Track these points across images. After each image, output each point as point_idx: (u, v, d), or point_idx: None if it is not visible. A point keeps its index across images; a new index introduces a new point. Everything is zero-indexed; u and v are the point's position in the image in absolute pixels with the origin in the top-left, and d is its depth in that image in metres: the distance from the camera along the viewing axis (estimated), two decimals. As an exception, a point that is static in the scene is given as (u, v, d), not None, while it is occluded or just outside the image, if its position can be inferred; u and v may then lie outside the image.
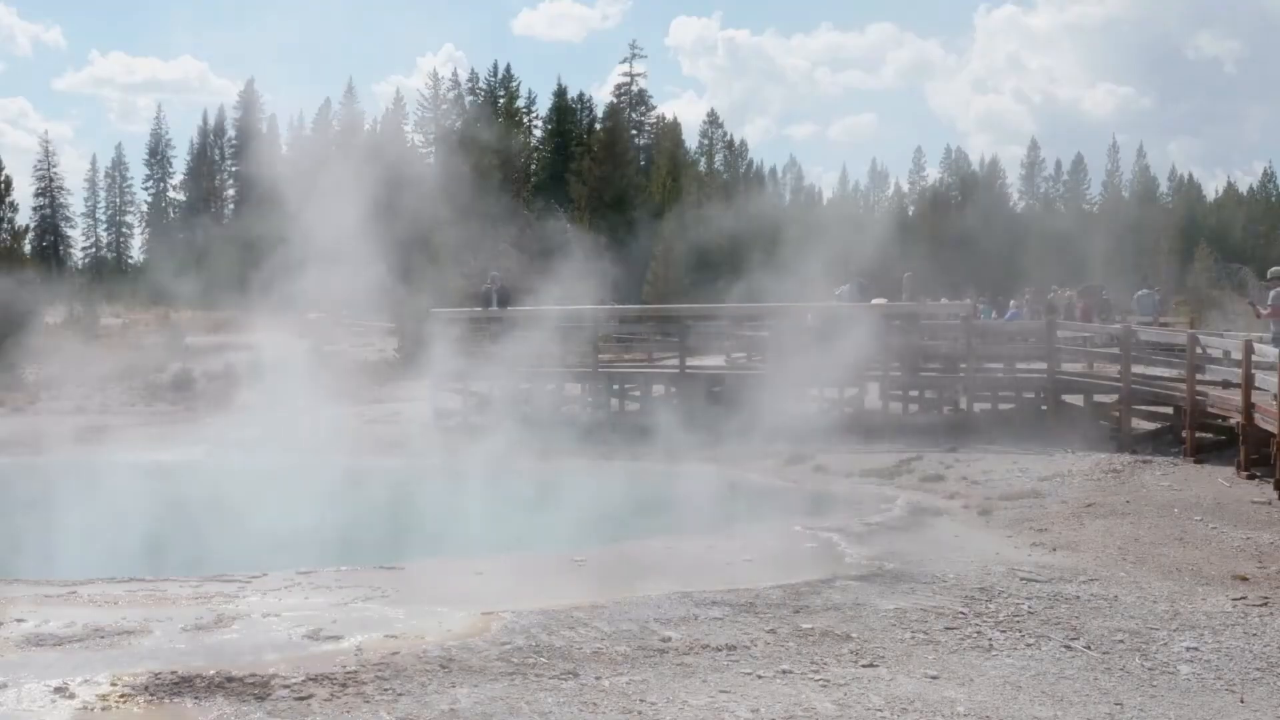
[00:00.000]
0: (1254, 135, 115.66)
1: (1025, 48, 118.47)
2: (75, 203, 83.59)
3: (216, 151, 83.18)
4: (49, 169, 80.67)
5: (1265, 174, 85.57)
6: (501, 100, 69.80)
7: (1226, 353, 14.81)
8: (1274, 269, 20.40)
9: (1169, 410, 15.51)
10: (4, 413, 20.46)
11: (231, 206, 77.52)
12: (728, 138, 76.71)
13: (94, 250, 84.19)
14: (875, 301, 19.81)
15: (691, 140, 72.51)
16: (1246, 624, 7.44)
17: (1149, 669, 6.54)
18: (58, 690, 6.00)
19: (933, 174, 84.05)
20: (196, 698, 5.91)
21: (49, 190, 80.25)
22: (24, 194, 76.17)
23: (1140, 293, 27.13)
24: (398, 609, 7.82)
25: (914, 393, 17.76)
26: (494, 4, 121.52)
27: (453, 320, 20.09)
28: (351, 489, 14.86)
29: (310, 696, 5.92)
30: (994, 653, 6.83)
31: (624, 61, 73.91)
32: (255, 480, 15.10)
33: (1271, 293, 15.96)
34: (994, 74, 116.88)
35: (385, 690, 6.02)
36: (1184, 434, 14.59)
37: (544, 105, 73.13)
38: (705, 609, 7.74)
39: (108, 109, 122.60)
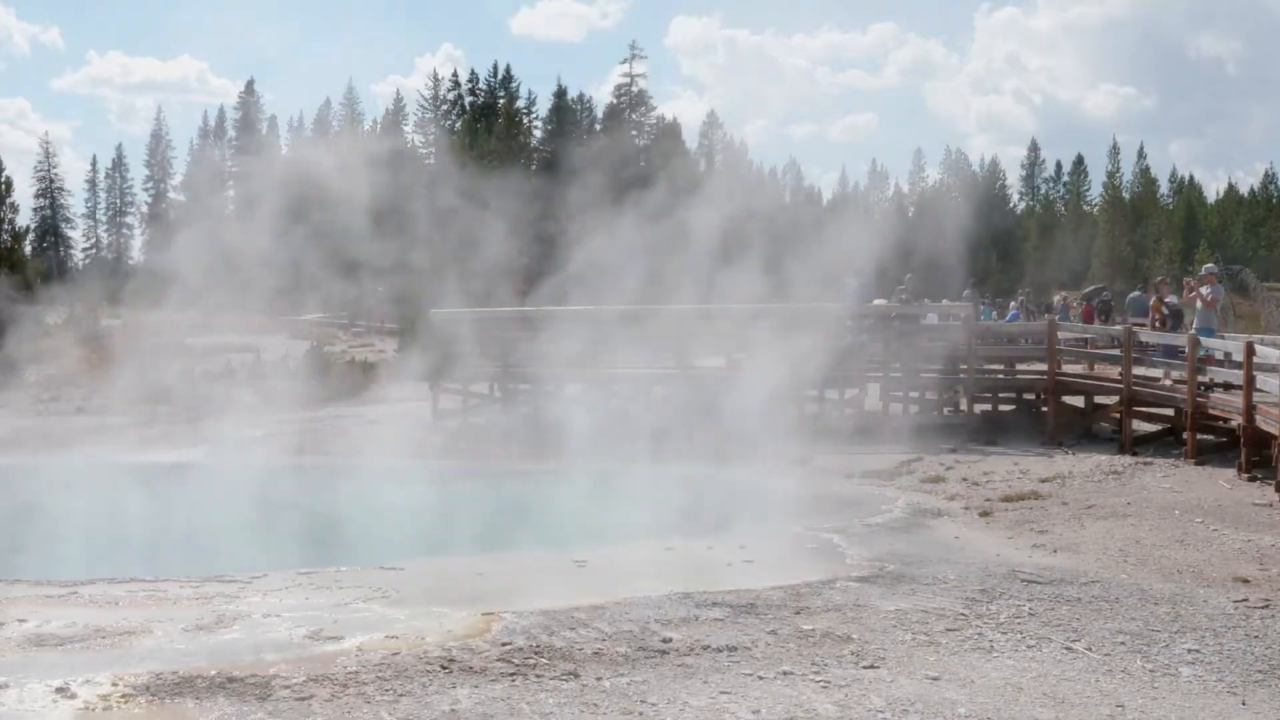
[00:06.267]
0: (1256, 136, 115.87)
1: (1026, 48, 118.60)
2: (75, 203, 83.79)
3: (217, 152, 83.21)
4: (49, 170, 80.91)
5: (1266, 175, 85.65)
6: (501, 101, 69.80)
7: (1228, 354, 14.81)
8: (1209, 265, 20.94)
9: (1170, 412, 15.51)
10: (5, 413, 20.45)
11: (232, 207, 77.45)
12: (728, 138, 76.79)
13: (94, 251, 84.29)
14: (876, 302, 19.81)
15: (691, 140, 72.57)
16: (1248, 626, 7.43)
17: (1150, 671, 6.54)
18: (59, 690, 6.00)
19: (933, 175, 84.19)
20: (197, 698, 5.91)
21: (49, 191, 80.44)
22: (24, 195, 76.35)
23: (1132, 294, 27.18)
24: (398, 609, 7.82)
25: (914, 394, 17.76)
26: (492, 3, 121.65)
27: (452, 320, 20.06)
28: (350, 489, 14.87)
29: (311, 697, 5.92)
30: (995, 654, 6.83)
31: (624, 62, 73.99)
32: (255, 481, 15.10)
33: (1205, 289, 16.52)
34: (994, 74, 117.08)
35: (386, 690, 6.02)
36: (1185, 436, 14.59)
37: (544, 106, 73.26)
38: (706, 610, 7.73)
39: (107, 109, 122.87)
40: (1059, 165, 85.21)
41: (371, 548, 11.01)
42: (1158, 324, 18.77)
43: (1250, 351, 12.94)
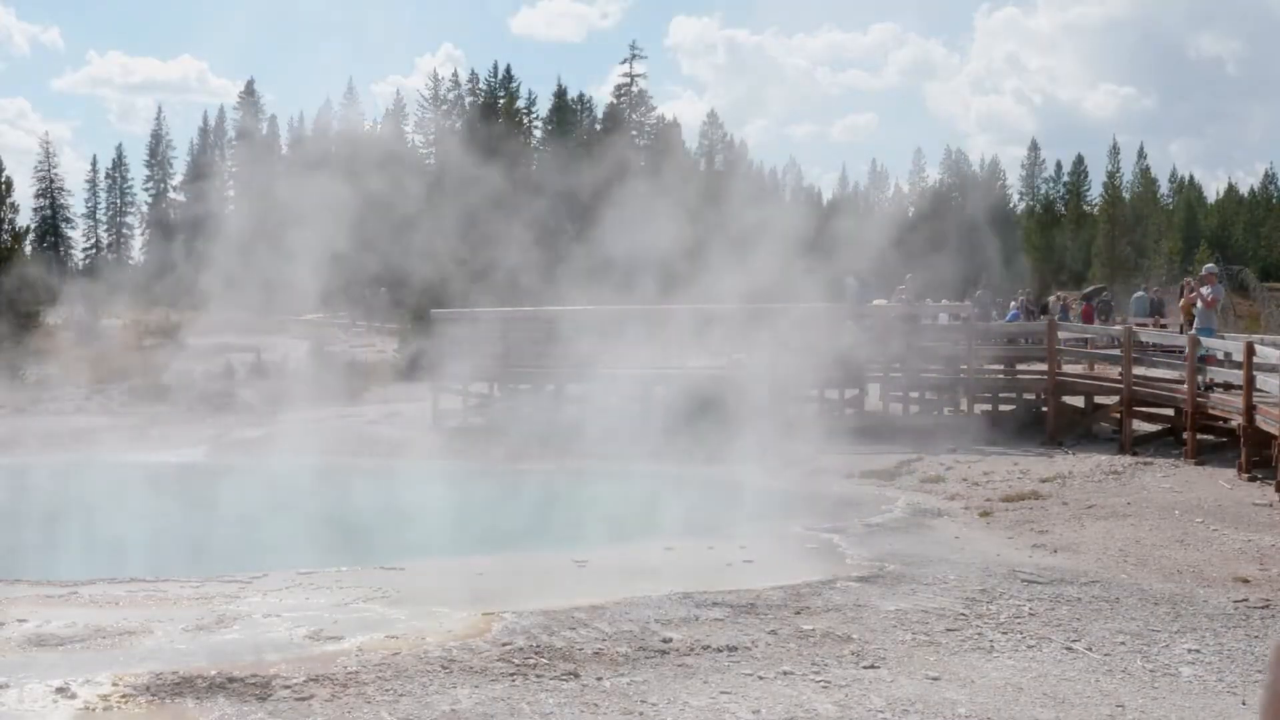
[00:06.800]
0: (1256, 136, 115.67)
1: (1026, 48, 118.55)
2: (76, 204, 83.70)
3: (217, 152, 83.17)
4: (49, 170, 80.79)
5: (1266, 175, 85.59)
6: (502, 101, 69.78)
7: (1228, 354, 14.81)
8: (1209, 265, 20.94)
9: (1170, 412, 15.51)
10: (4, 413, 20.46)
11: (232, 207, 77.43)
12: (728, 138, 76.76)
13: (94, 251, 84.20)
14: (876, 302, 19.81)
15: (691, 140, 72.53)
16: (1248, 626, 7.44)
17: (1150, 671, 6.54)
18: (59, 690, 6.00)
19: (933, 174, 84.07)
20: (198, 698, 5.91)
21: (49, 191, 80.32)
22: (24, 195, 76.24)
23: (1136, 294, 27.22)
24: (399, 609, 7.82)
25: (914, 394, 17.76)
26: (492, 3, 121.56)
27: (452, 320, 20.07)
28: (350, 489, 14.87)
29: (311, 697, 5.92)
30: (995, 654, 6.83)
31: (624, 62, 73.98)
32: (255, 481, 15.11)
33: (1205, 289, 16.46)
34: (994, 74, 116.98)
35: (386, 690, 6.02)
36: (1185, 436, 14.59)
37: (544, 106, 73.31)
38: (706, 610, 7.74)
39: (107, 109, 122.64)
40: (1059, 165, 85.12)
41: (372, 547, 11.02)
42: (1188, 327, 18.14)
43: (1250, 351, 12.94)
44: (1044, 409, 16.92)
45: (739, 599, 8.03)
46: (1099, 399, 16.84)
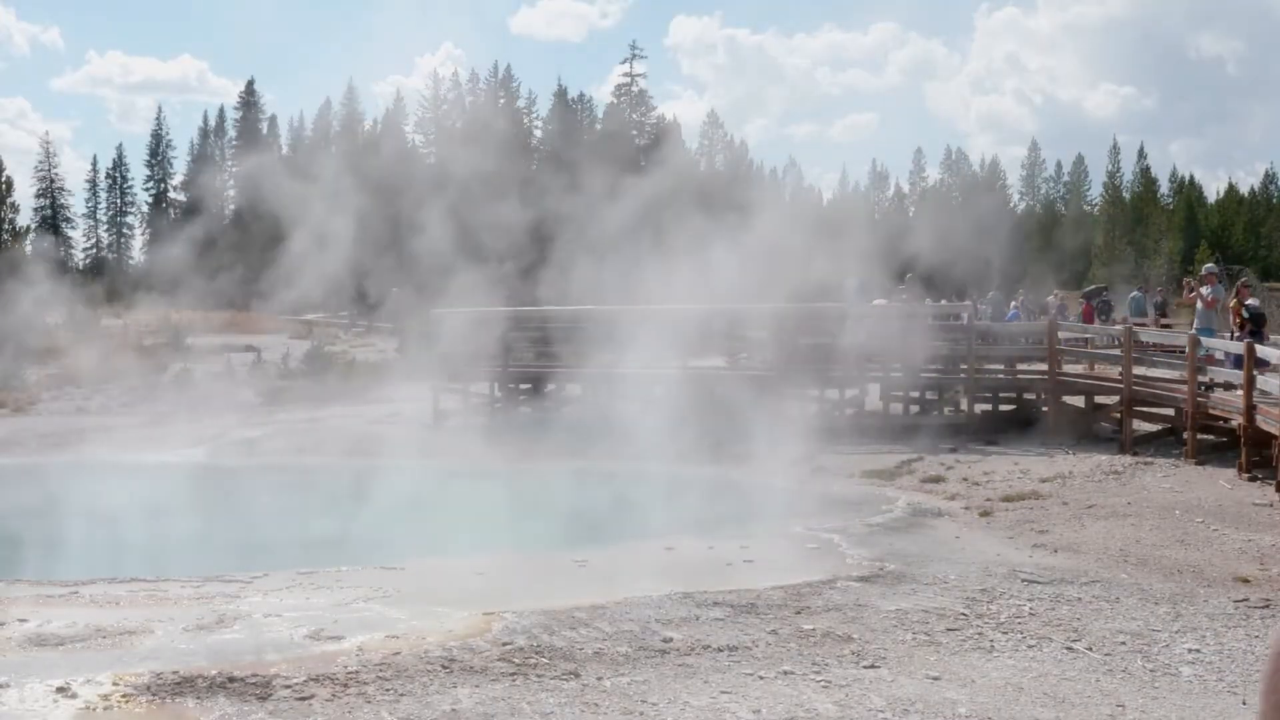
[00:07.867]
0: (1256, 136, 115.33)
1: (1026, 48, 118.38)
2: (76, 203, 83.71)
3: (217, 151, 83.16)
4: (49, 170, 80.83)
5: (1266, 175, 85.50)
6: (502, 100, 69.79)
7: (1228, 354, 14.81)
8: (1209, 265, 20.90)
9: (1170, 412, 15.50)
10: (5, 413, 20.45)
11: (232, 207, 77.45)
12: (728, 138, 76.77)
13: (95, 251, 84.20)
14: (876, 302, 19.80)
15: (691, 140, 72.54)
16: (1248, 626, 7.44)
17: (1151, 670, 6.54)
18: (60, 690, 6.00)
19: (933, 175, 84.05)
20: (198, 697, 5.92)
21: (50, 191, 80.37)
22: (24, 195, 76.15)
23: (1132, 294, 27.23)
24: (399, 609, 7.82)
25: (914, 394, 17.75)
26: (492, 3, 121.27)
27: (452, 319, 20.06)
28: (350, 489, 14.86)
29: (312, 696, 5.93)
30: (995, 654, 6.83)
31: (624, 62, 74.01)
32: (256, 481, 15.10)
33: (1205, 289, 16.37)
34: (994, 74, 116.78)
35: (387, 690, 6.03)
36: (1185, 436, 14.59)
37: (544, 106, 73.35)
38: (706, 610, 7.74)
39: (107, 109, 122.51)
40: (1059, 165, 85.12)
41: (372, 547, 11.02)
42: (1236, 331, 16.74)
43: (1250, 351, 12.94)
44: (1044, 409, 16.91)
45: (739, 599, 8.03)
46: (1099, 399, 16.83)
